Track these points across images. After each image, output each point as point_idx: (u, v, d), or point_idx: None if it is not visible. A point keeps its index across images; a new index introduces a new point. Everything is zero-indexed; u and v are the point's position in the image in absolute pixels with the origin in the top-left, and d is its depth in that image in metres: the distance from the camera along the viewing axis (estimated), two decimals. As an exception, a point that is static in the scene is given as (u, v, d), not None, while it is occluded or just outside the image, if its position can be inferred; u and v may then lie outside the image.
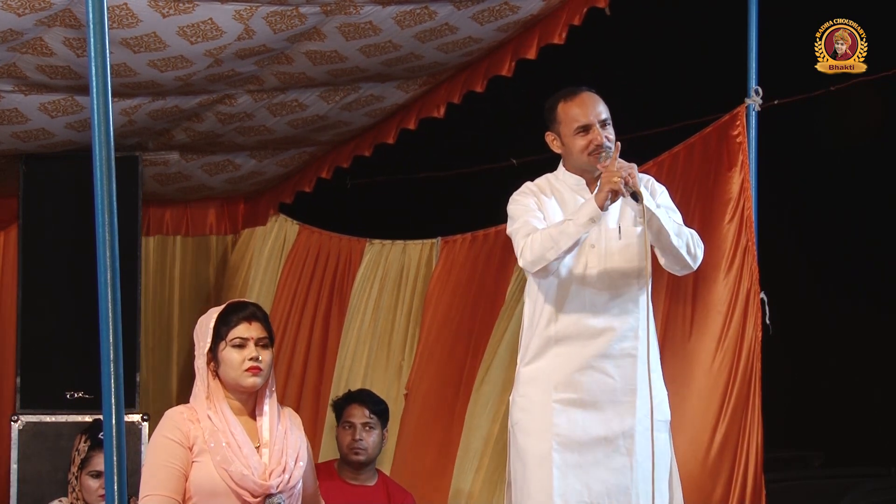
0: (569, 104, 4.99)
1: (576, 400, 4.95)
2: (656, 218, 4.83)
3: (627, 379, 4.96)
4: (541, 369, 5.00)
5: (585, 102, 4.98)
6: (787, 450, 8.09)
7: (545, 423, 4.94)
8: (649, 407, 4.90)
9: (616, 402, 4.95)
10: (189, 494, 4.24)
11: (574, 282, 4.96)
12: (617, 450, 4.93)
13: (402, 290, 7.11)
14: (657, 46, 7.79)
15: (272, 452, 4.30)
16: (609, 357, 4.96)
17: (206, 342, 4.33)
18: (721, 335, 5.81)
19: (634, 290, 4.99)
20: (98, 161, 4.34)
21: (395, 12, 5.81)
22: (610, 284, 4.97)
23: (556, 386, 4.96)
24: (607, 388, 4.95)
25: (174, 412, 4.35)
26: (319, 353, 7.22)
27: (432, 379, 6.78)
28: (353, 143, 7.09)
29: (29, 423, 6.38)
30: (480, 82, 6.35)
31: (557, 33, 5.96)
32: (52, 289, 6.58)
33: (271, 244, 7.48)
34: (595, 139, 4.94)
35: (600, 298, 4.97)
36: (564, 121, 4.98)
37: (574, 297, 4.96)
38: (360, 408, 6.15)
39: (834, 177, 8.45)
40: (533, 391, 5.00)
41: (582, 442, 4.93)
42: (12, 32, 5.50)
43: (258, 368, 4.31)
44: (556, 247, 4.80)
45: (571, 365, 4.95)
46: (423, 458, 6.68)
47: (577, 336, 4.96)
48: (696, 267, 5.00)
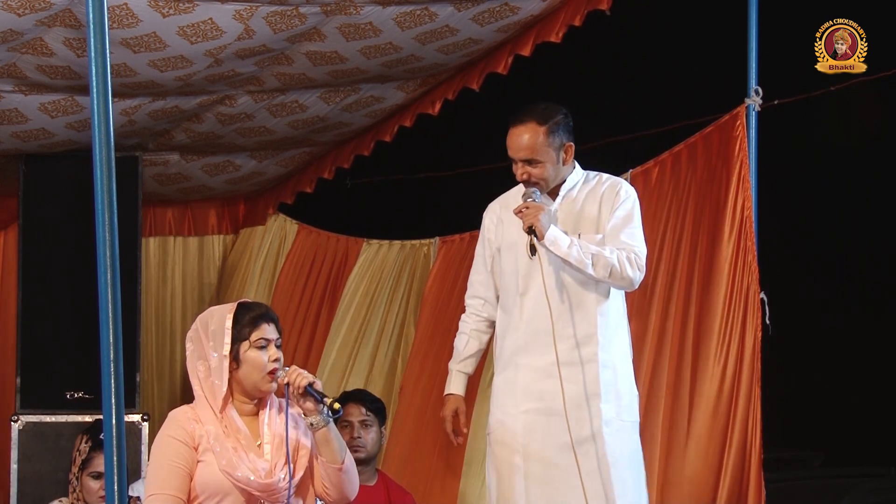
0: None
1: (541, 409, 5.01)
2: (553, 253, 4.94)
3: (590, 384, 5.00)
4: (508, 379, 5.11)
5: (510, 138, 5.09)
6: (787, 450, 8.09)
7: (512, 434, 5.03)
8: (616, 410, 4.99)
9: (580, 407, 5.00)
10: (195, 494, 4.23)
11: (534, 290, 5.04)
12: (586, 454, 4.97)
13: (399, 289, 7.11)
14: (657, 46, 7.78)
15: (273, 447, 4.30)
16: (573, 364, 5.01)
17: (226, 343, 4.31)
18: (721, 335, 5.81)
19: (593, 297, 5.05)
20: (98, 161, 4.33)
21: (396, 13, 5.81)
22: (567, 294, 5.04)
23: (523, 395, 5.04)
24: (572, 395, 4.99)
25: (179, 412, 4.34)
26: (313, 353, 7.22)
27: (428, 377, 6.78)
28: (354, 143, 7.09)
29: (29, 423, 6.38)
30: (476, 80, 6.35)
31: (555, 32, 5.96)
32: (52, 289, 6.58)
33: (270, 244, 7.48)
34: (519, 176, 5.06)
35: (561, 305, 5.03)
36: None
37: (535, 306, 5.04)
38: (357, 406, 6.16)
39: (834, 177, 8.45)
40: (502, 401, 5.11)
41: (551, 450, 4.99)
42: (12, 32, 5.50)
43: (277, 370, 4.32)
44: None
45: (535, 374, 5.03)
46: (423, 457, 6.68)
47: (539, 345, 5.03)
48: (633, 287, 5.05)
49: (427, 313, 6.92)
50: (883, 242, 8.42)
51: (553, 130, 5.04)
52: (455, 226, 7.06)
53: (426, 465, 6.68)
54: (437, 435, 6.66)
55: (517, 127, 5.06)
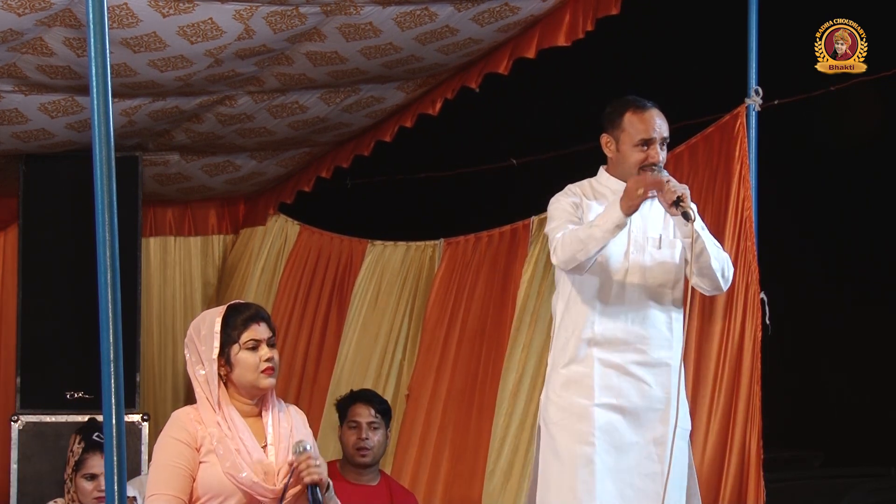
0: (637, 115, 5.00)
1: (615, 405, 4.97)
2: (702, 240, 4.88)
3: (664, 387, 4.99)
4: (581, 372, 5.00)
5: (654, 118, 5.00)
6: (787, 450, 8.09)
7: (586, 426, 4.95)
8: (678, 417, 4.94)
9: (652, 409, 4.98)
10: (197, 495, 4.23)
11: (613, 287, 4.99)
12: (649, 457, 4.95)
13: (405, 292, 7.10)
14: (657, 46, 7.78)
15: (278, 450, 4.30)
16: (646, 365, 4.99)
17: (214, 346, 4.31)
18: (721, 335, 5.81)
19: (669, 300, 5.03)
20: (98, 161, 4.33)
21: (396, 13, 5.81)
22: (647, 293, 5.00)
23: (597, 390, 4.97)
24: (645, 396, 4.98)
25: (181, 413, 4.34)
26: (320, 354, 7.22)
27: (436, 380, 6.77)
28: (354, 143, 7.09)
29: (29, 423, 6.38)
30: (475, 79, 6.35)
31: (563, 36, 5.95)
32: (52, 289, 6.59)
33: (271, 244, 7.47)
34: (652, 156, 4.97)
35: (638, 306, 5.00)
36: (628, 130, 5.00)
37: (613, 303, 4.98)
38: (366, 407, 6.11)
39: (834, 177, 8.45)
40: (573, 393, 5.00)
41: (619, 447, 4.96)
42: (12, 32, 5.50)
43: (273, 369, 4.31)
44: (584, 249, 4.85)
45: (612, 370, 4.97)
46: (434, 461, 6.66)
47: (616, 342, 4.98)
48: (725, 289, 5.05)
49: (434, 316, 6.90)
50: (883, 242, 8.42)
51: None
52: (458, 227, 7.05)
53: (438, 468, 6.66)
54: (447, 438, 6.65)
55: (654, 109, 5.01)
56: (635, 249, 4.98)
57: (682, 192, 4.81)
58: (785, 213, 6.87)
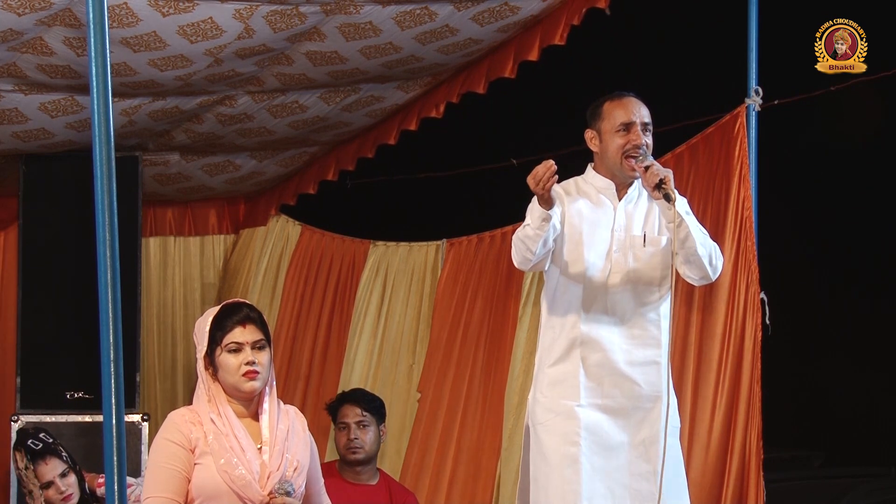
0: (615, 103, 5.00)
1: (601, 405, 4.95)
2: (686, 225, 4.85)
3: (652, 386, 4.96)
4: (566, 372, 4.98)
5: (632, 103, 4.99)
6: (787, 450, 8.09)
7: (572, 426, 4.93)
8: (667, 414, 4.91)
9: (640, 409, 4.96)
10: (192, 496, 4.23)
11: (598, 286, 4.96)
12: (640, 456, 4.93)
13: (410, 293, 7.10)
14: (657, 46, 7.79)
15: (272, 453, 4.29)
16: (634, 364, 4.96)
17: (203, 346, 4.32)
18: (721, 335, 5.81)
19: (656, 298, 5.00)
20: (98, 161, 4.33)
21: (395, 12, 5.81)
22: (633, 291, 4.97)
23: (583, 390, 4.95)
24: (633, 395, 4.95)
25: (176, 415, 4.33)
26: (324, 355, 7.21)
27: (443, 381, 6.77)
28: (356, 144, 7.09)
29: (29, 423, 6.37)
30: (482, 84, 6.35)
31: (559, 34, 5.96)
32: (52, 289, 6.59)
33: (273, 245, 7.47)
34: (634, 139, 4.94)
35: (624, 305, 4.97)
36: (608, 118, 4.99)
37: (598, 302, 4.96)
38: (353, 407, 6.17)
39: (834, 176, 8.45)
40: (559, 393, 4.98)
41: (606, 447, 4.93)
42: (12, 32, 5.50)
43: (255, 372, 4.28)
44: (527, 248, 4.84)
45: (598, 370, 4.95)
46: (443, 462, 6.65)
47: (602, 341, 4.95)
48: (714, 278, 5.00)
49: (440, 317, 6.90)
50: (883, 242, 8.42)
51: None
52: (459, 227, 7.05)
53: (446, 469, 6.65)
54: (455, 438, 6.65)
55: (632, 96, 5.00)
56: (618, 248, 4.96)
57: (664, 174, 4.80)
58: (785, 213, 6.88)
